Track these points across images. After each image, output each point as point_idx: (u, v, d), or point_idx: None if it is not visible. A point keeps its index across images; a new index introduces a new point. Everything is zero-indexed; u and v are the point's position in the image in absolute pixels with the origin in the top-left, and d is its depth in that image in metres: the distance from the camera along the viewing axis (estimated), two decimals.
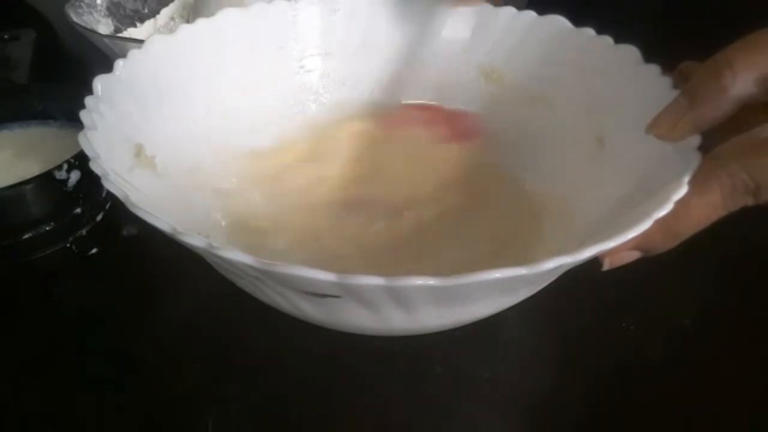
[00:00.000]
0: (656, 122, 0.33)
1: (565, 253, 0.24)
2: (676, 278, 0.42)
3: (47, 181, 0.40)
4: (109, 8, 0.63)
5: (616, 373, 0.37)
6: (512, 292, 0.29)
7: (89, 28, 0.56)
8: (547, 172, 0.42)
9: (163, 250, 0.44)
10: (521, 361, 0.38)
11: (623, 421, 0.35)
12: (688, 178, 0.29)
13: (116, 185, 0.28)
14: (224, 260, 0.25)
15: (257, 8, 0.45)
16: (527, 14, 0.44)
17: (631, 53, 0.38)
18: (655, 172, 0.32)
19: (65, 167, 0.40)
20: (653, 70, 0.37)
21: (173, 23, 0.65)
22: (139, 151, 0.35)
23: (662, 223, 0.27)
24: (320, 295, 0.27)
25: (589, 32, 0.41)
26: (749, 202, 0.29)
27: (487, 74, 0.47)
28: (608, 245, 0.25)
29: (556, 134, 0.42)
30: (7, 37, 0.65)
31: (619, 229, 0.26)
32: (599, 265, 0.29)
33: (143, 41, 0.40)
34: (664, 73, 0.36)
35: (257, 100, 0.46)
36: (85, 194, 0.42)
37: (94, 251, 0.44)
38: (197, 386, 0.36)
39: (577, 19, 0.42)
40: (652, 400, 0.36)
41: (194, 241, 0.25)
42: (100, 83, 0.35)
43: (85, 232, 0.44)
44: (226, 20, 0.44)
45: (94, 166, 0.29)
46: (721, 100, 0.29)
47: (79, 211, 0.43)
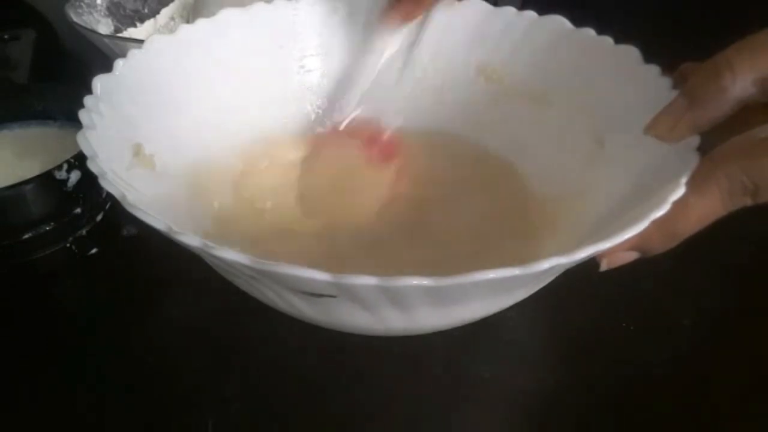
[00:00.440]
0: (655, 123, 0.33)
1: (561, 253, 0.24)
2: (676, 278, 0.42)
3: (47, 181, 0.40)
4: (109, 8, 0.63)
5: (616, 372, 0.37)
6: (508, 292, 0.29)
7: (89, 28, 0.56)
8: (545, 171, 0.42)
9: (163, 250, 0.43)
10: (521, 361, 0.38)
11: (623, 420, 0.35)
12: (686, 178, 0.29)
13: (114, 184, 0.28)
14: (220, 259, 0.25)
15: (257, 8, 0.45)
16: (527, 14, 0.44)
17: (631, 53, 0.38)
18: (653, 172, 0.32)
19: (65, 167, 0.40)
20: (653, 70, 0.37)
21: (173, 23, 0.65)
22: (138, 150, 0.35)
23: (660, 223, 0.27)
24: (316, 294, 0.27)
25: (589, 32, 0.41)
26: (748, 202, 0.29)
27: (487, 74, 0.47)
28: (604, 246, 0.25)
29: (555, 134, 0.42)
30: (7, 37, 0.65)
31: (616, 229, 0.26)
32: (598, 265, 0.29)
33: (143, 41, 0.40)
34: (664, 73, 0.36)
35: (257, 99, 0.46)
36: (85, 194, 0.42)
37: (94, 251, 0.44)
38: (197, 386, 0.36)
39: (577, 19, 0.42)
40: (652, 399, 0.36)
41: (190, 240, 0.25)
42: (99, 83, 0.35)
43: (85, 232, 0.44)
44: (226, 20, 0.44)
45: (91, 165, 0.29)
46: (720, 100, 0.29)
47: (79, 211, 0.43)
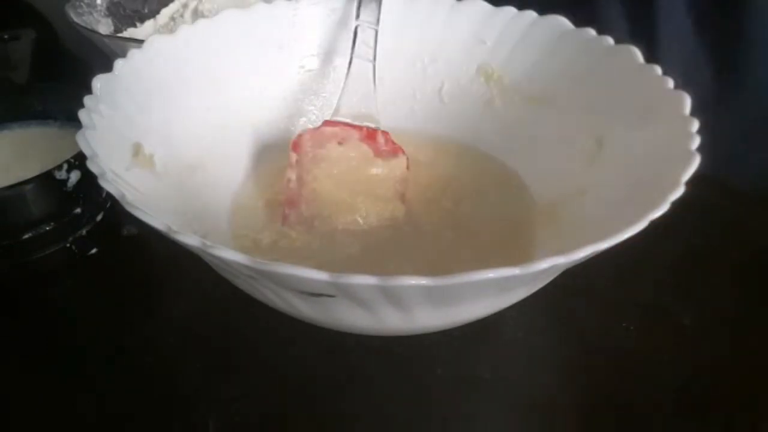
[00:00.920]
0: None
1: (559, 253, 0.24)
2: (676, 278, 0.42)
3: (47, 181, 0.40)
4: (109, 8, 0.62)
5: (615, 373, 0.37)
6: (507, 292, 0.29)
7: (89, 28, 0.56)
8: (545, 171, 0.42)
9: (163, 250, 0.44)
10: (521, 361, 0.38)
11: (623, 421, 0.35)
12: (685, 178, 0.28)
13: (113, 184, 0.28)
14: (219, 259, 0.25)
15: (257, 8, 0.45)
16: (527, 14, 0.44)
17: (631, 53, 0.38)
18: (653, 172, 0.32)
19: (65, 167, 0.40)
20: (653, 70, 0.37)
21: (173, 23, 0.65)
22: (137, 150, 0.36)
23: None
24: (315, 294, 0.27)
25: (589, 32, 0.41)
26: None
27: (487, 74, 0.47)
28: (603, 246, 0.25)
29: (555, 134, 0.42)
30: (7, 37, 0.65)
31: (615, 229, 0.26)
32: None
33: (143, 41, 0.40)
34: (664, 73, 0.36)
35: (257, 99, 0.46)
36: (85, 194, 0.42)
37: (94, 251, 0.44)
38: (197, 386, 0.36)
39: (577, 19, 0.42)
40: (652, 399, 0.36)
41: (189, 240, 0.25)
42: (99, 83, 0.35)
43: (85, 232, 0.44)
44: (226, 20, 0.44)
45: (91, 164, 0.29)
46: None
47: (79, 211, 0.43)
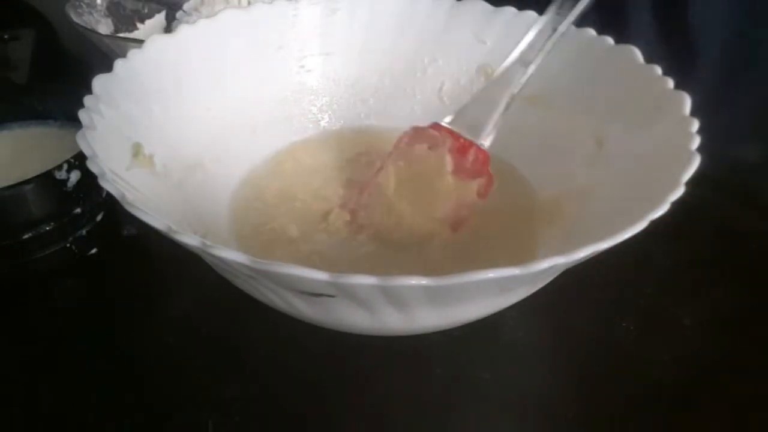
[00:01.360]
0: None
1: (559, 253, 0.24)
2: (676, 278, 0.42)
3: (47, 181, 0.40)
4: (109, 8, 0.63)
5: (616, 372, 0.37)
6: (507, 292, 0.29)
7: (89, 28, 0.56)
8: (545, 171, 0.42)
9: (163, 250, 0.44)
10: (521, 361, 0.38)
11: (624, 420, 0.35)
12: (685, 178, 0.28)
13: (113, 184, 0.28)
14: (219, 259, 0.25)
15: (257, 8, 0.45)
16: (527, 14, 0.44)
17: (631, 53, 0.38)
18: (652, 172, 0.32)
19: (65, 167, 0.40)
20: (653, 70, 0.37)
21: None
22: (137, 150, 0.36)
23: None
24: (315, 294, 0.27)
25: (589, 32, 0.41)
26: None
27: (487, 74, 0.47)
28: (603, 246, 0.25)
29: (555, 134, 0.42)
30: (7, 37, 0.65)
31: (615, 229, 0.26)
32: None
33: (143, 41, 0.40)
34: (664, 73, 0.36)
35: (257, 99, 0.46)
36: (85, 194, 0.42)
37: (94, 251, 0.44)
38: (197, 386, 0.36)
39: (577, 19, 0.42)
40: (652, 399, 0.36)
41: (188, 239, 0.25)
42: (99, 83, 0.35)
43: (85, 232, 0.43)
44: (226, 20, 0.44)
45: (91, 164, 0.29)
46: None
47: (79, 211, 0.42)
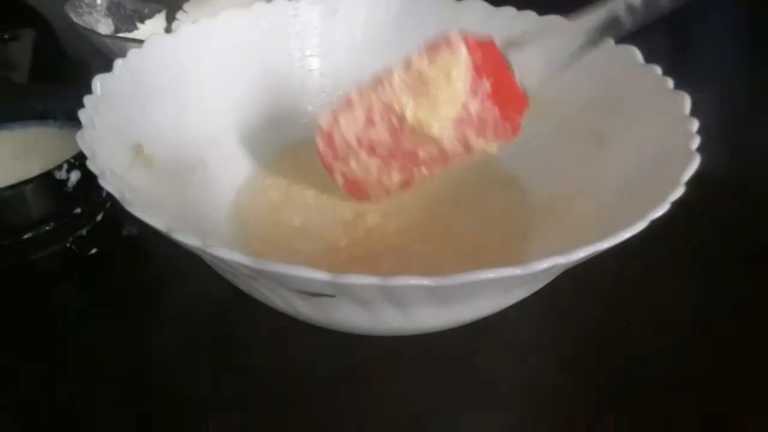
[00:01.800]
0: None
1: (559, 253, 0.24)
2: (676, 278, 0.42)
3: (47, 181, 0.40)
4: (109, 8, 0.63)
5: (616, 372, 0.37)
6: (507, 292, 0.29)
7: (89, 28, 0.56)
8: (545, 171, 0.42)
9: (163, 250, 0.43)
10: (521, 361, 0.38)
11: (624, 420, 0.35)
12: (685, 178, 0.28)
13: (113, 184, 0.28)
14: (219, 259, 0.25)
15: (257, 8, 0.45)
16: (527, 14, 0.44)
17: (631, 53, 0.38)
18: (652, 172, 0.32)
19: (65, 167, 0.40)
20: (653, 70, 0.37)
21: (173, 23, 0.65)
22: (137, 150, 0.36)
23: None
24: (314, 294, 0.27)
25: None
26: None
27: None
28: (603, 245, 0.25)
29: (555, 134, 0.42)
30: (7, 37, 0.65)
31: (615, 229, 0.26)
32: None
33: (143, 41, 0.40)
34: (664, 73, 0.36)
35: (257, 99, 0.46)
36: (85, 194, 0.42)
37: (94, 251, 0.44)
38: (197, 386, 0.36)
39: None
40: (652, 400, 0.36)
41: (189, 239, 0.25)
42: (99, 83, 0.35)
43: (85, 232, 0.43)
44: (226, 20, 0.44)
45: (91, 164, 0.29)
46: None
47: (79, 211, 0.42)
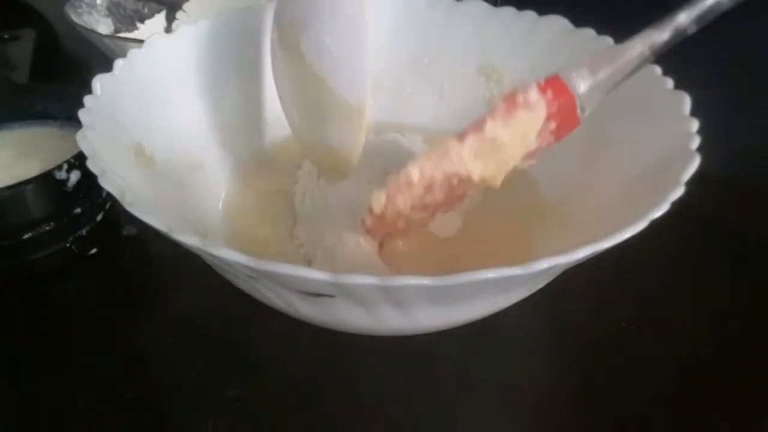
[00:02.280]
0: None
1: (559, 253, 0.24)
2: (676, 278, 0.42)
3: (47, 181, 0.40)
4: (109, 8, 0.63)
5: (616, 373, 0.37)
6: (507, 292, 0.29)
7: (89, 28, 0.56)
8: (545, 171, 0.42)
9: (163, 250, 0.44)
10: (522, 361, 0.38)
11: (624, 420, 0.35)
12: (685, 178, 0.28)
13: (113, 184, 0.28)
14: (219, 259, 0.25)
15: (257, 8, 0.45)
16: (527, 14, 0.44)
17: None
18: (653, 172, 0.32)
19: (65, 167, 0.40)
20: (653, 70, 0.37)
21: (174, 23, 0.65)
22: (138, 150, 0.36)
23: None
24: (315, 294, 0.27)
25: (589, 32, 0.41)
26: None
27: (487, 74, 0.47)
28: (603, 245, 0.25)
29: None
30: (7, 37, 0.65)
31: (614, 229, 0.26)
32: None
33: (143, 41, 0.40)
34: (664, 73, 0.36)
35: (257, 99, 0.46)
36: (85, 194, 0.42)
37: (94, 251, 0.44)
38: (198, 386, 0.36)
39: (577, 19, 0.42)
40: (652, 399, 0.36)
41: (189, 239, 0.25)
42: (99, 83, 0.35)
43: (85, 232, 0.43)
44: (226, 20, 0.44)
45: (91, 164, 0.29)
46: None
47: (79, 211, 0.42)
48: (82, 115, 0.32)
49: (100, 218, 0.45)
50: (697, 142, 0.31)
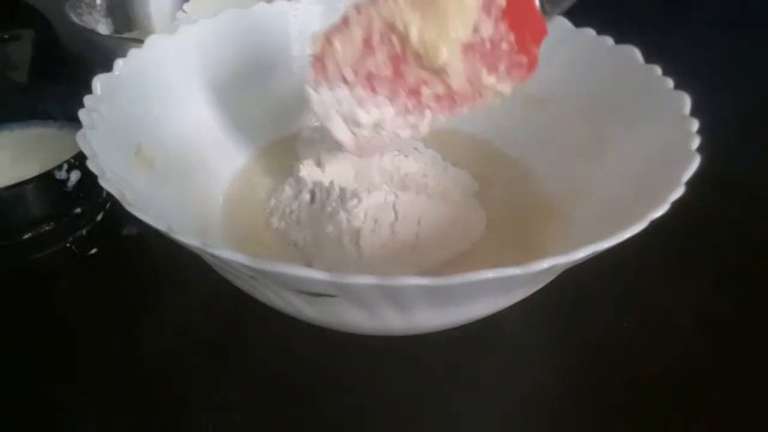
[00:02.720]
0: None
1: (559, 253, 0.24)
2: (676, 278, 0.42)
3: (47, 181, 0.40)
4: (109, 8, 0.63)
5: (616, 372, 0.37)
6: (507, 292, 0.29)
7: (89, 28, 0.56)
8: (545, 171, 0.42)
9: (163, 250, 0.44)
10: (521, 361, 0.38)
11: (623, 420, 0.35)
12: (685, 178, 0.28)
13: (113, 184, 0.28)
14: (219, 259, 0.25)
15: (257, 8, 0.45)
16: None
17: (631, 53, 0.38)
18: (653, 172, 0.32)
19: (65, 167, 0.40)
20: (653, 70, 0.37)
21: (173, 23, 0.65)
22: (138, 150, 0.36)
23: None
24: (315, 294, 0.27)
25: (589, 32, 0.41)
26: None
27: None
28: (603, 246, 0.25)
29: (555, 134, 0.42)
30: (7, 37, 0.65)
31: (614, 229, 0.26)
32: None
33: (143, 41, 0.40)
34: (664, 73, 0.36)
35: (257, 99, 0.46)
36: (85, 194, 0.42)
37: (94, 251, 0.44)
38: (198, 387, 0.36)
39: (577, 19, 0.42)
40: (652, 399, 0.36)
41: (189, 240, 0.25)
42: (99, 83, 0.35)
43: (85, 232, 0.44)
44: (226, 20, 0.44)
45: (91, 164, 0.29)
46: None
47: (79, 211, 0.43)
48: (82, 115, 0.32)
49: (100, 218, 0.45)
50: (697, 142, 0.31)
